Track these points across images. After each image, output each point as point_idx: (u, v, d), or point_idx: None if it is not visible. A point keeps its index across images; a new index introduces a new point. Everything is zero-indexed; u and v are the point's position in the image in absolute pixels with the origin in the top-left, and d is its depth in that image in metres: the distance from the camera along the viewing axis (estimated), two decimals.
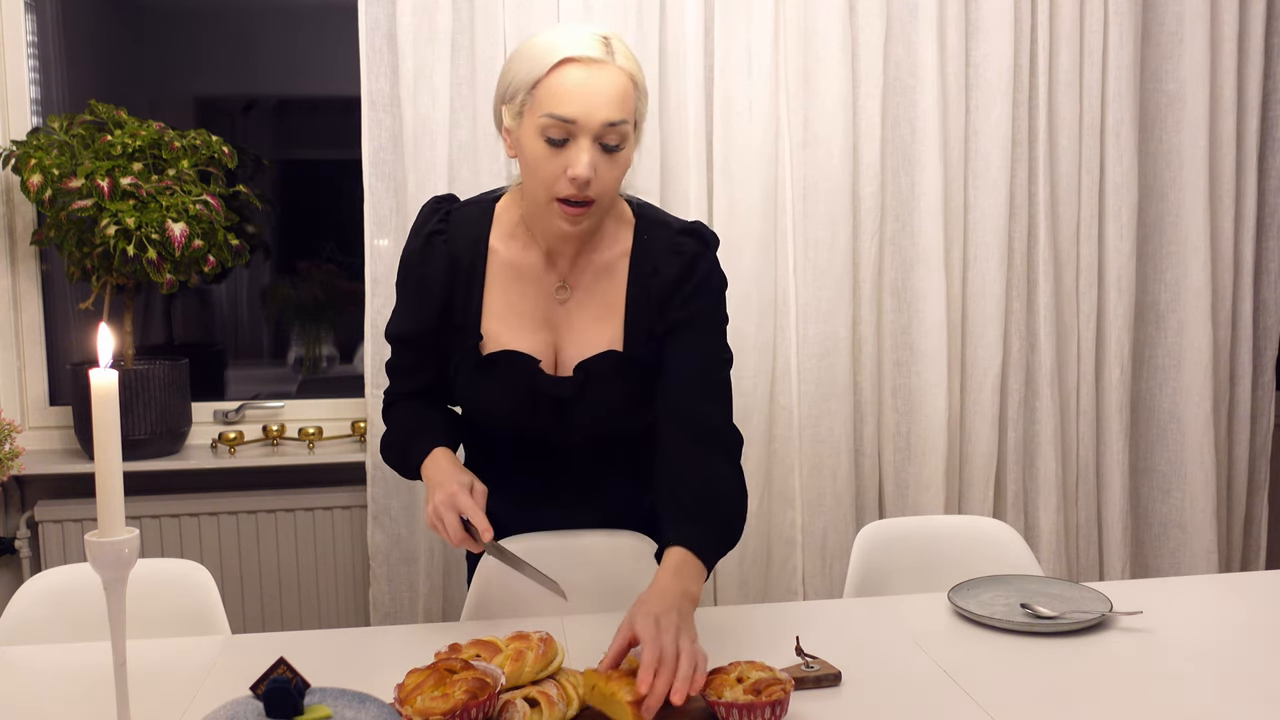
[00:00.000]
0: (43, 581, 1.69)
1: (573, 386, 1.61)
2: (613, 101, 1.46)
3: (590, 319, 1.62)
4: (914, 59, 2.53)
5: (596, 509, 1.76)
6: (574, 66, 1.45)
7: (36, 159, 2.27)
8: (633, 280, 1.62)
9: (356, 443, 2.58)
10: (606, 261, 1.62)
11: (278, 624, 2.55)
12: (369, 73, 2.40)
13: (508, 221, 1.63)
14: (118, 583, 1.14)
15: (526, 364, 1.61)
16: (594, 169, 1.47)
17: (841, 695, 1.36)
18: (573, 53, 1.45)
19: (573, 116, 1.45)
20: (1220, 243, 2.72)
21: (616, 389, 1.62)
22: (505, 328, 1.62)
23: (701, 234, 1.64)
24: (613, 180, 1.52)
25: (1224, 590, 1.79)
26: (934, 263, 2.54)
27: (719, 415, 1.59)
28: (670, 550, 1.44)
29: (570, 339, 1.63)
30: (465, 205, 1.67)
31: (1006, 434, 2.65)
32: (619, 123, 1.47)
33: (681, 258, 1.60)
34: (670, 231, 1.63)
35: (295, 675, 1.21)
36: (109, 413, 1.11)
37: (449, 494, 1.52)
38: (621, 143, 1.49)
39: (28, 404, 2.58)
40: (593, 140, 1.47)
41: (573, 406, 1.63)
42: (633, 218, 1.65)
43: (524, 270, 1.62)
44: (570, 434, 1.66)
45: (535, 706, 1.25)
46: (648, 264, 1.61)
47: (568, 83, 1.45)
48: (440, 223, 1.63)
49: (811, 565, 2.57)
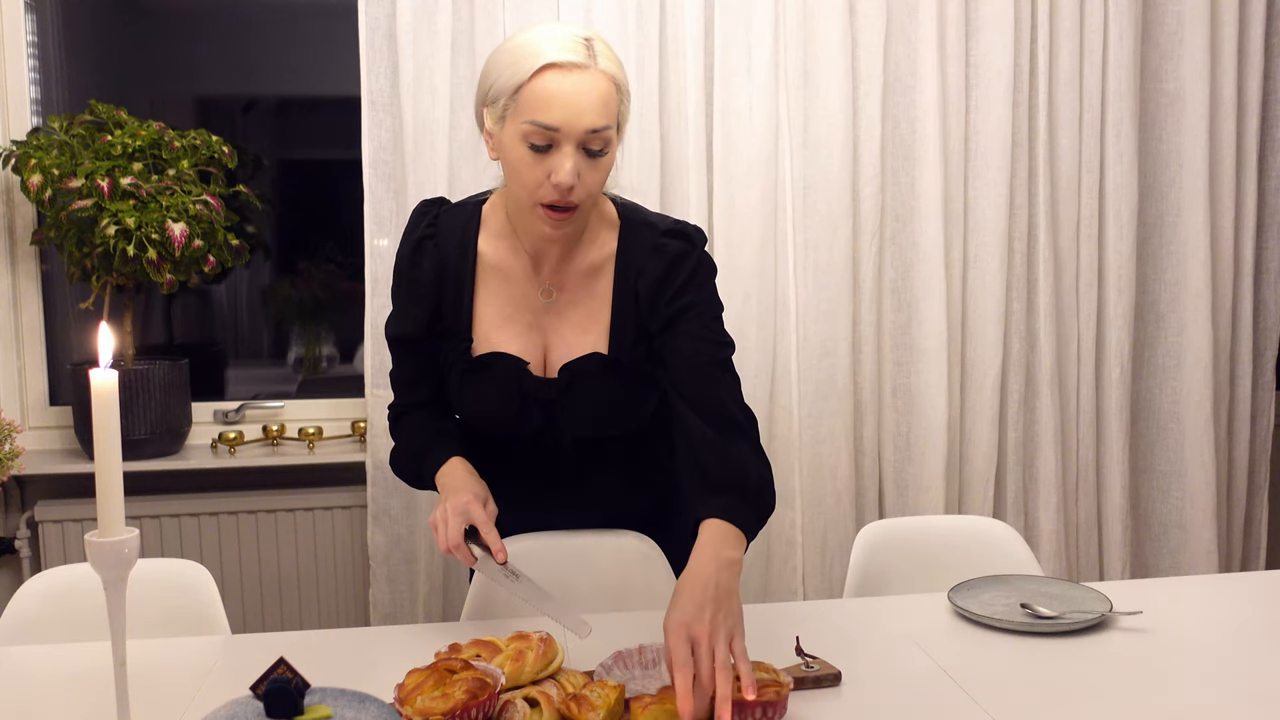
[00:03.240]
0: (43, 581, 1.69)
1: (558, 388, 1.62)
2: (595, 107, 1.45)
3: (576, 321, 1.63)
4: (914, 59, 2.53)
5: (592, 509, 1.76)
6: (556, 72, 1.44)
7: (36, 159, 2.27)
8: (618, 282, 1.62)
9: (356, 443, 2.58)
10: (592, 263, 1.62)
11: (278, 624, 2.55)
12: (369, 73, 2.40)
13: (495, 223, 1.64)
14: (118, 583, 1.13)
15: (515, 365, 1.61)
16: (577, 175, 1.46)
17: (841, 695, 1.36)
18: (555, 58, 1.44)
19: (556, 124, 1.44)
20: (1220, 243, 2.72)
21: (602, 391, 1.62)
22: (495, 330, 1.62)
23: (687, 233, 1.63)
24: (596, 184, 1.51)
25: (1224, 590, 1.79)
26: (934, 263, 2.54)
27: (730, 397, 1.55)
28: (703, 524, 1.39)
29: (557, 341, 1.63)
30: (453, 208, 1.67)
31: (1006, 434, 2.65)
32: (602, 128, 1.46)
33: (664, 255, 1.59)
34: (655, 232, 1.62)
35: (295, 675, 1.20)
36: (109, 413, 1.11)
37: (463, 502, 1.49)
38: (605, 147, 1.49)
39: (28, 404, 2.58)
40: (576, 146, 1.46)
41: (559, 408, 1.63)
42: (618, 219, 1.64)
43: (511, 273, 1.63)
44: (559, 435, 1.66)
45: (535, 706, 1.25)
46: (633, 265, 1.61)
47: (550, 89, 1.44)
48: (429, 226, 1.63)
49: (811, 565, 2.57)
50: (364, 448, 2.52)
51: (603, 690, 1.26)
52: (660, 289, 1.58)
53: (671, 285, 1.58)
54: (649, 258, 1.60)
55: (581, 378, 1.61)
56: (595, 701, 1.24)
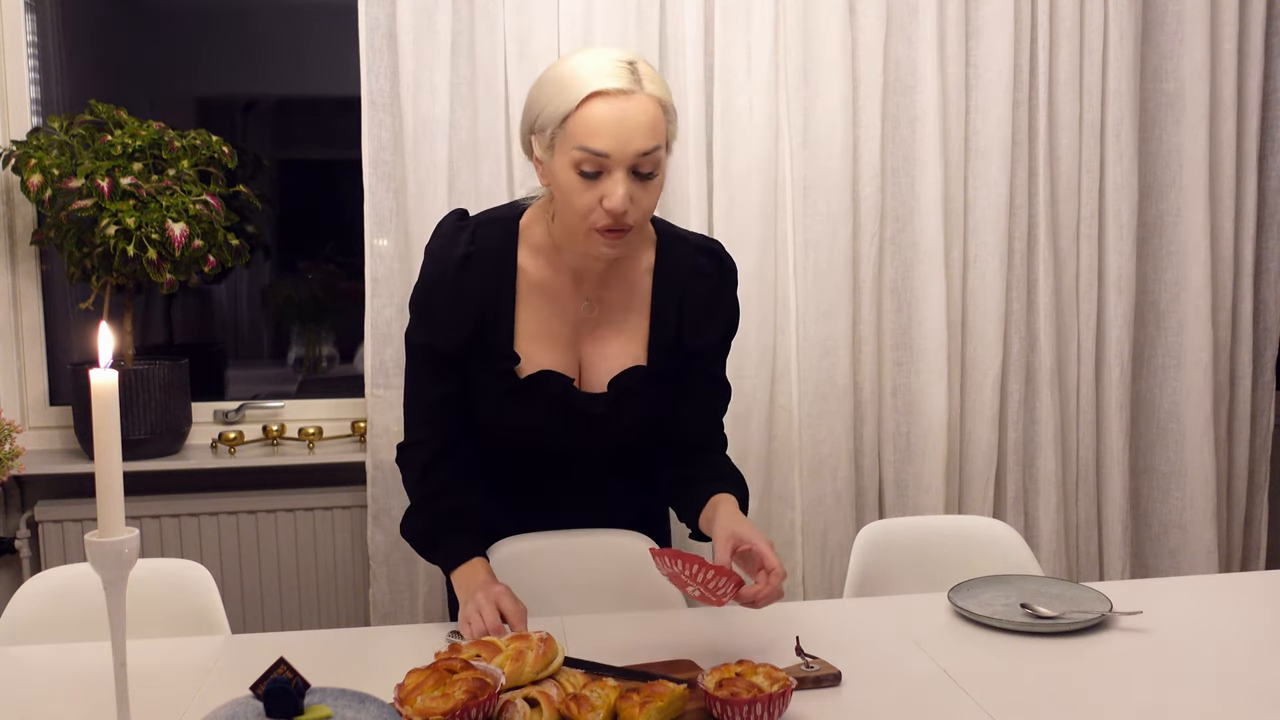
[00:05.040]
0: (43, 581, 1.69)
1: (606, 403, 1.63)
2: (644, 131, 1.45)
3: (616, 334, 1.64)
4: (914, 59, 2.53)
5: (597, 510, 1.76)
6: (603, 100, 1.44)
7: (36, 159, 2.27)
8: (657, 295, 1.64)
9: (356, 443, 2.58)
10: (632, 277, 1.64)
11: (278, 624, 2.55)
12: (369, 73, 2.40)
13: (533, 238, 1.62)
14: (118, 583, 1.13)
15: (561, 383, 1.61)
16: (630, 199, 1.46)
17: (841, 695, 1.36)
18: (602, 85, 1.44)
19: (606, 150, 1.44)
20: (1220, 243, 2.72)
21: (644, 402, 1.65)
22: (538, 347, 1.61)
23: (721, 257, 1.69)
24: (649, 205, 1.52)
25: (1224, 590, 1.79)
26: (934, 262, 2.54)
27: (719, 438, 1.75)
28: (720, 496, 1.57)
29: (597, 354, 1.63)
30: (488, 223, 1.64)
31: (1006, 434, 2.65)
32: (651, 150, 1.46)
33: (707, 281, 1.66)
34: (689, 247, 1.67)
35: (295, 675, 1.20)
36: (109, 413, 1.11)
37: (495, 593, 1.51)
38: (655, 169, 1.49)
39: (28, 404, 2.57)
40: (626, 171, 1.46)
41: (605, 422, 1.64)
42: (654, 233, 1.66)
43: (553, 289, 1.62)
44: (593, 448, 1.69)
45: (535, 706, 1.25)
46: (673, 280, 1.64)
47: (598, 116, 1.44)
48: (471, 244, 1.60)
49: (811, 565, 2.57)
50: (364, 448, 2.52)
51: (603, 690, 1.26)
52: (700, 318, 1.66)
53: (710, 320, 1.67)
54: (691, 278, 1.65)
55: (627, 391, 1.63)
56: (595, 702, 1.24)
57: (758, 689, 1.24)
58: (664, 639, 1.53)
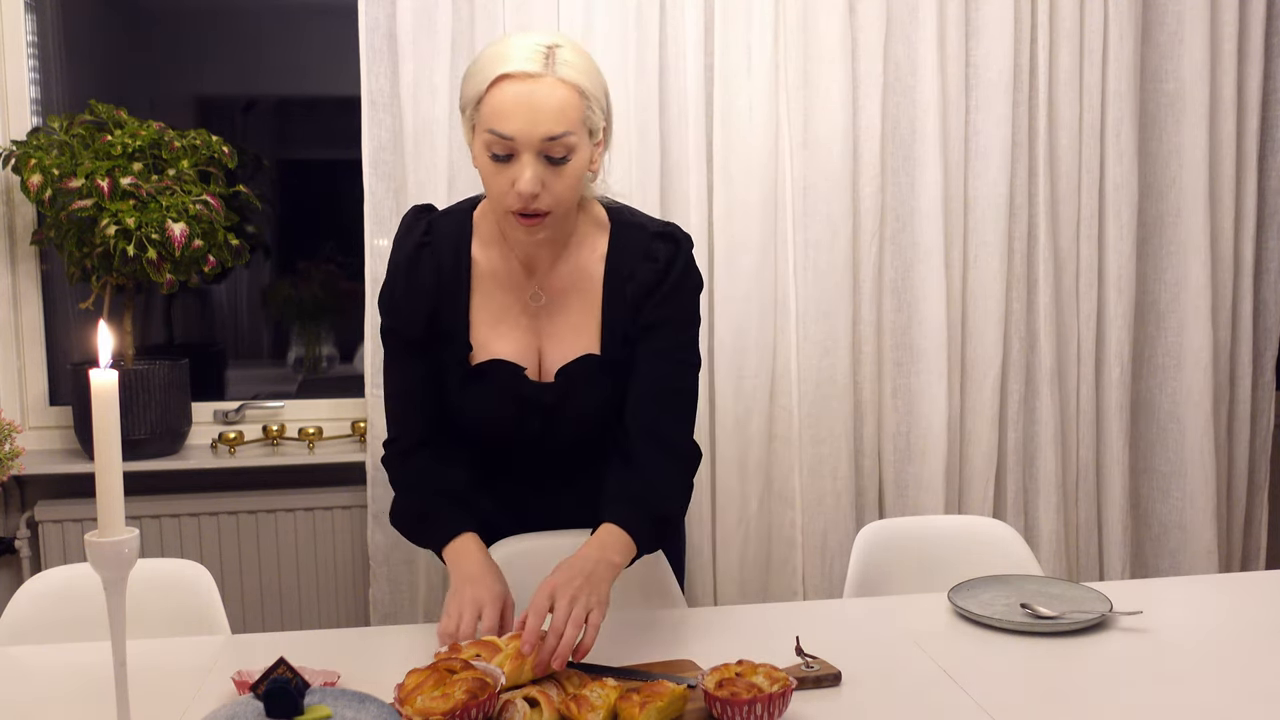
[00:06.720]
0: (43, 581, 1.69)
1: (555, 392, 1.63)
2: (551, 116, 1.46)
3: (569, 324, 1.64)
4: (914, 59, 2.53)
5: (584, 505, 1.75)
6: (510, 83, 1.46)
7: (36, 159, 2.27)
8: (608, 283, 1.63)
9: (356, 443, 2.58)
10: (583, 266, 1.64)
11: (278, 624, 2.55)
12: (369, 73, 2.40)
13: (486, 230, 1.65)
14: (118, 583, 1.14)
15: (512, 371, 1.62)
16: (539, 183, 1.48)
17: (841, 695, 1.36)
18: (510, 69, 1.46)
19: (511, 133, 1.46)
20: (1220, 243, 2.72)
21: (597, 391, 1.64)
22: (492, 336, 1.63)
23: (675, 236, 1.65)
24: (564, 190, 1.52)
25: (1224, 590, 1.79)
26: (934, 262, 2.54)
27: (680, 430, 1.64)
28: (604, 525, 1.50)
29: (551, 344, 1.64)
30: (444, 215, 1.68)
31: (1006, 434, 2.65)
32: (560, 135, 1.47)
33: (655, 263, 1.62)
34: (645, 234, 1.64)
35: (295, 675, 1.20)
36: (109, 413, 1.11)
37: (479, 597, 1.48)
38: (568, 154, 1.49)
39: (28, 404, 2.57)
40: (536, 155, 1.47)
41: (557, 411, 1.64)
42: (608, 221, 1.66)
43: (505, 278, 1.64)
44: (557, 437, 1.67)
45: (535, 706, 1.25)
46: (623, 267, 1.62)
47: (505, 99, 1.46)
48: (425, 234, 1.63)
49: (811, 565, 2.57)
50: (364, 448, 2.52)
51: (603, 690, 1.26)
52: (648, 294, 1.61)
53: (659, 291, 1.61)
54: (640, 263, 1.62)
55: (576, 380, 1.63)
56: (595, 702, 1.25)
57: (758, 689, 1.24)
58: (664, 639, 1.53)
